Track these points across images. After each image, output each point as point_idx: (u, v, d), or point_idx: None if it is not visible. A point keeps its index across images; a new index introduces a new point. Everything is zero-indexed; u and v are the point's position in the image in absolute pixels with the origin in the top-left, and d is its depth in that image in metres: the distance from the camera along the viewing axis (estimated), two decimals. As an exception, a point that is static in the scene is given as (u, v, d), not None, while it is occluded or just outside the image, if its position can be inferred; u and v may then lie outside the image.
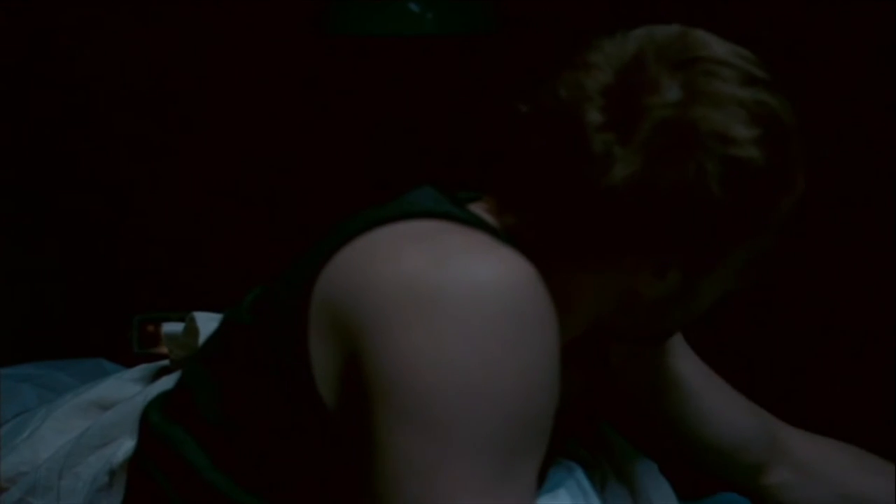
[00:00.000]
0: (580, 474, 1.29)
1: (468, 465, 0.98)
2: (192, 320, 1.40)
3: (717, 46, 1.13)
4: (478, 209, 1.18)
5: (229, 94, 2.34)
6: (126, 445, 1.31)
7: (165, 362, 1.47)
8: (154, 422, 1.19)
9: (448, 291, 1.02)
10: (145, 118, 2.35)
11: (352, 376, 1.04)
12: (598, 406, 1.42)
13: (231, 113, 2.34)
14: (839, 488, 1.44)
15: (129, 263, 2.41)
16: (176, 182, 2.38)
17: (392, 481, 0.99)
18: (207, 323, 1.38)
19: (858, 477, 1.45)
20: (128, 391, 1.43)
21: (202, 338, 1.37)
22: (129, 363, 2.10)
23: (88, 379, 2.06)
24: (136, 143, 2.36)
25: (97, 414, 1.42)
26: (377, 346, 1.02)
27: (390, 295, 1.03)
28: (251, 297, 1.19)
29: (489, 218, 1.17)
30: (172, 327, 1.44)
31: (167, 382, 1.35)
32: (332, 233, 1.13)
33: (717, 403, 1.43)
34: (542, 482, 1.23)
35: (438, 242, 1.07)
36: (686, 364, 1.42)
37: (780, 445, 1.45)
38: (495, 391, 0.99)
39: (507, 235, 1.14)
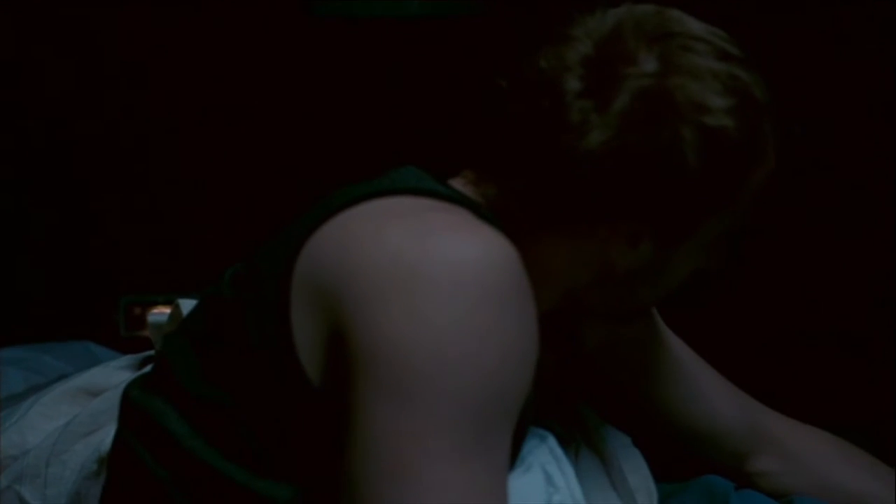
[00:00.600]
0: (553, 442, 1.29)
1: (442, 438, 0.99)
2: (177, 307, 1.41)
3: (693, 24, 1.16)
4: (459, 184, 1.20)
5: (216, 75, 2.33)
6: (113, 433, 1.31)
7: (153, 351, 1.47)
8: (133, 396, 1.20)
9: (429, 269, 1.03)
10: (133, 98, 2.34)
11: (334, 350, 1.06)
12: (574, 384, 1.44)
13: (218, 94, 2.33)
14: (823, 480, 1.45)
15: (117, 245, 2.40)
16: (164, 163, 2.37)
17: (366, 452, 1.00)
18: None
19: (844, 471, 1.46)
20: (116, 379, 1.43)
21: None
22: (117, 345, 2.12)
23: (76, 362, 2.07)
24: (122, 121, 2.36)
25: (85, 400, 1.42)
26: (358, 321, 1.03)
27: (372, 271, 1.04)
28: (231, 271, 1.20)
29: (471, 192, 1.19)
30: (157, 317, 1.44)
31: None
32: (315, 208, 1.14)
33: (700, 389, 1.44)
34: (516, 453, 1.24)
35: (421, 220, 1.09)
36: (672, 348, 1.44)
37: (765, 434, 1.46)
38: (472, 367, 1.01)
39: (489, 209, 1.17)
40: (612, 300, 1.25)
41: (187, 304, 1.38)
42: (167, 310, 1.47)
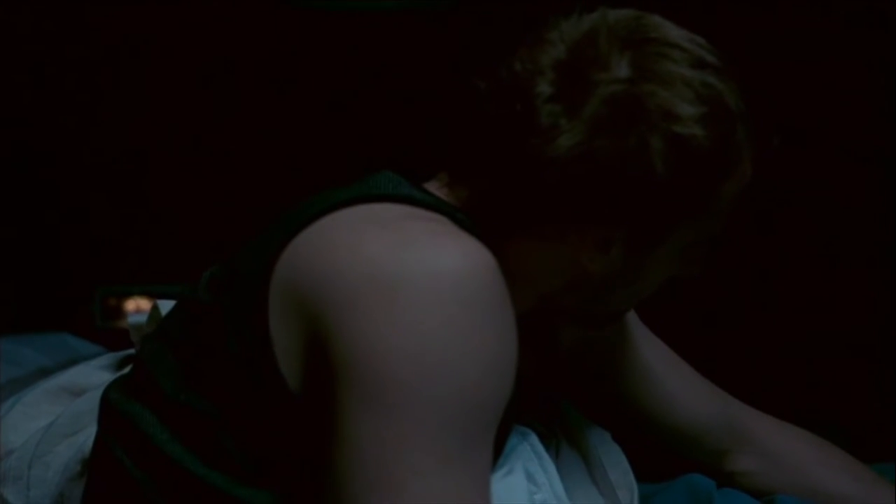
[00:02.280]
0: (534, 439, 1.30)
1: (425, 448, 0.99)
2: (156, 308, 1.38)
3: (671, 30, 1.16)
4: (434, 187, 1.21)
5: (192, 66, 2.32)
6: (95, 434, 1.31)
7: (134, 350, 1.45)
8: (113, 399, 1.20)
9: (409, 279, 1.03)
10: (110, 90, 2.33)
11: (313, 358, 1.06)
12: (553, 381, 1.44)
13: (197, 85, 2.33)
14: (803, 480, 1.46)
15: (93, 236, 2.39)
16: (140, 153, 2.36)
17: (349, 462, 1.00)
18: (172, 310, 1.37)
19: (824, 471, 1.46)
20: (97, 378, 1.43)
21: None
22: (92, 336, 2.12)
23: (53, 354, 2.07)
24: (97, 114, 2.34)
25: (67, 399, 1.41)
26: (339, 331, 1.03)
27: (352, 281, 1.04)
28: (208, 274, 1.20)
29: (445, 195, 1.19)
30: (137, 318, 1.43)
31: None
32: (292, 213, 1.14)
33: (676, 389, 1.45)
34: (498, 451, 1.25)
35: (400, 229, 1.09)
36: (645, 349, 1.45)
37: (745, 433, 1.47)
38: (453, 377, 1.01)
39: (464, 213, 1.17)
40: (586, 305, 1.25)
41: (166, 305, 1.37)
42: (146, 304, 1.46)
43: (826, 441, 1.50)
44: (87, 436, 1.32)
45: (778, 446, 1.47)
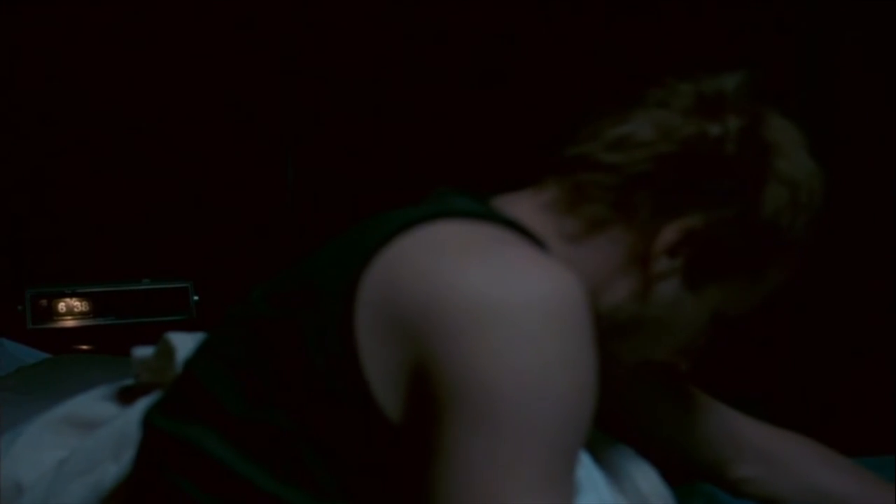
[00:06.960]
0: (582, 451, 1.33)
1: (533, 468, 1.02)
2: (165, 342, 1.37)
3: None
4: (506, 207, 1.25)
5: (127, 66, 2.30)
6: (111, 471, 1.30)
7: (129, 381, 1.45)
8: (162, 425, 1.19)
9: (517, 305, 1.05)
10: (40, 98, 2.30)
11: (412, 378, 1.07)
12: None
13: (129, 88, 2.30)
14: (807, 483, 1.49)
15: (20, 237, 2.36)
16: (70, 152, 2.34)
17: (457, 481, 1.02)
18: (185, 342, 1.35)
19: (826, 473, 1.50)
20: (100, 409, 1.42)
21: (179, 357, 1.34)
22: (23, 338, 2.10)
23: (-1, 362, 2.06)
24: (22, 120, 2.31)
25: (70, 431, 1.41)
26: (448, 354, 1.04)
27: (463, 307, 1.05)
28: (261, 291, 1.19)
29: (520, 216, 1.24)
30: (142, 351, 1.41)
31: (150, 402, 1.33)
32: (368, 228, 1.15)
33: (670, 403, 1.49)
34: None
35: (497, 255, 1.11)
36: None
37: (744, 442, 1.51)
38: (557, 397, 1.04)
39: (541, 238, 1.21)
40: (630, 350, 1.30)
41: (178, 338, 1.37)
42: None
43: (823, 445, 1.54)
44: (101, 473, 1.31)
45: (778, 452, 1.51)
